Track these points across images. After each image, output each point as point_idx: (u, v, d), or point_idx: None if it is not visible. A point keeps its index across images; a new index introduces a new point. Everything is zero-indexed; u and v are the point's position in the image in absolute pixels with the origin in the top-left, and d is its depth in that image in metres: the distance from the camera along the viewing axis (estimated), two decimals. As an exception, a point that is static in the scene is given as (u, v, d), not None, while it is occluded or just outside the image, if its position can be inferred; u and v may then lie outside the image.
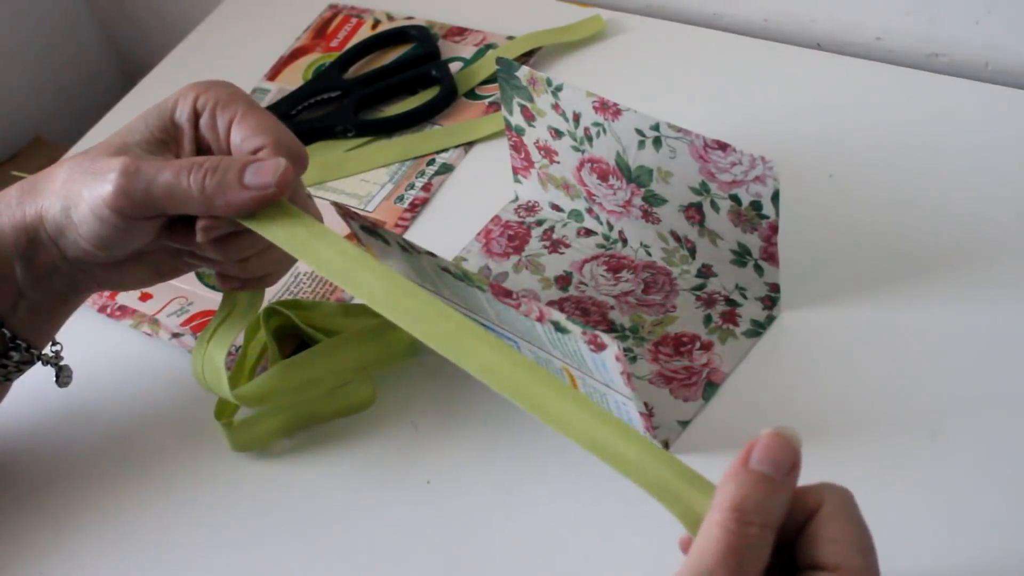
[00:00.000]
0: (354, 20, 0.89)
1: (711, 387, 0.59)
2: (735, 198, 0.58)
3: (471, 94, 0.80)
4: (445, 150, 0.77)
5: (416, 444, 0.61)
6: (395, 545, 0.57)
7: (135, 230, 0.55)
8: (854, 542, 0.39)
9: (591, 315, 0.64)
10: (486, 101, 0.79)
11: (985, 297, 0.60)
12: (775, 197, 0.57)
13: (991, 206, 0.64)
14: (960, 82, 0.72)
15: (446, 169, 0.75)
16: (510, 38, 0.83)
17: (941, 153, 0.68)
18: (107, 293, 0.72)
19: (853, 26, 0.78)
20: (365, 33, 0.87)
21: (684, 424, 0.58)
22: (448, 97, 0.79)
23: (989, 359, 0.57)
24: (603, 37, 0.82)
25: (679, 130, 0.58)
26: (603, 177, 0.64)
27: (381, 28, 0.87)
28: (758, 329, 0.61)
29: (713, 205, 0.60)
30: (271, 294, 0.69)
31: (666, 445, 0.57)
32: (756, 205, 0.58)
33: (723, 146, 0.57)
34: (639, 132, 0.60)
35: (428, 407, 0.62)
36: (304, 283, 0.70)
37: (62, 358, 0.62)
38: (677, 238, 0.63)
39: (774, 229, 0.58)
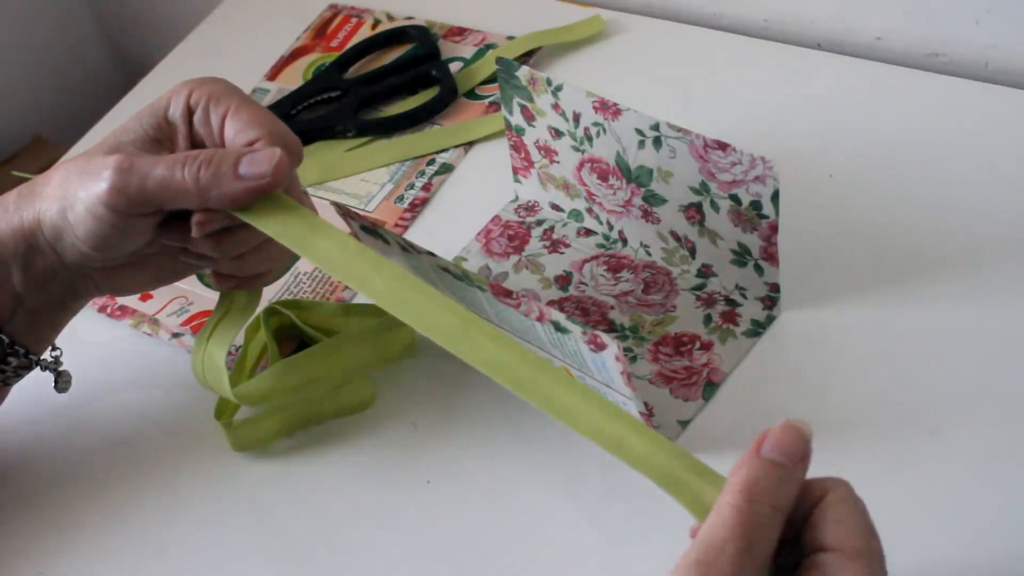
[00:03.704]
0: (354, 20, 0.89)
1: (711, 387, 0.59)
2: (735, 198, 0.58)
3: (471, 94, 0.80)
4: (445, 150, 0.77)
5: (416, 444, 0.61)
6: (395, 545, 0.57)
7: (131, 228, 0.55)
8: (856, 524, 0.40)
9: (591, 315, 0.64)
10: (486, 101, 0.79)
11: (985, 297, 0.60)
12: (775, 197, 0.57)
13: (991, 206, 0.64)
14: (960, 82, 0.72)
15: (446, 169, 0.75)
16: (510, 38, 0.83)
17: (941, 153, 0.68)
18: (107, 293, 0.72)
19: (853, 26, 0.78)
20: (365, 33, 0.87)
21: (684, 424, 0.58)
22: (448, 97, 0.79)
23: (989, 359, 0.57)
24: (603, 37, 0.82)
25: (679, 130, 0.58)
26: (603, 177, 0.64)
27: (381, 28, 0.87)
28: (758, 329, 0.61)
29: (713, 205, 0.60)
30: (271, 294, 0.69)
31: None
32: (756, 205, 0.58)
33: (723, 146, 0.57)
34: (639, 132, 0.60)
35: (428, 407, 0.62)
36: (304, 283, 0.70)
37: (61, 363, 0.62)
38: (677, 238, 0.63)
39: (774, 229, 0.58)
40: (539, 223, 0.69)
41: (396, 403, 0.63)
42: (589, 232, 0.68)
